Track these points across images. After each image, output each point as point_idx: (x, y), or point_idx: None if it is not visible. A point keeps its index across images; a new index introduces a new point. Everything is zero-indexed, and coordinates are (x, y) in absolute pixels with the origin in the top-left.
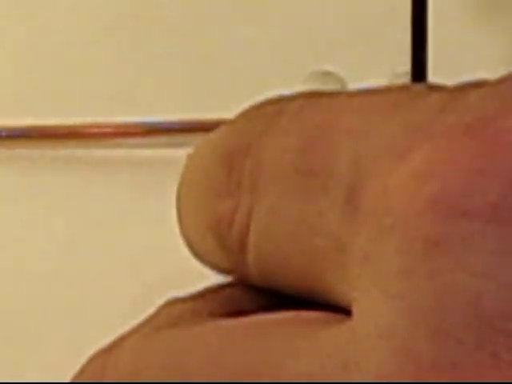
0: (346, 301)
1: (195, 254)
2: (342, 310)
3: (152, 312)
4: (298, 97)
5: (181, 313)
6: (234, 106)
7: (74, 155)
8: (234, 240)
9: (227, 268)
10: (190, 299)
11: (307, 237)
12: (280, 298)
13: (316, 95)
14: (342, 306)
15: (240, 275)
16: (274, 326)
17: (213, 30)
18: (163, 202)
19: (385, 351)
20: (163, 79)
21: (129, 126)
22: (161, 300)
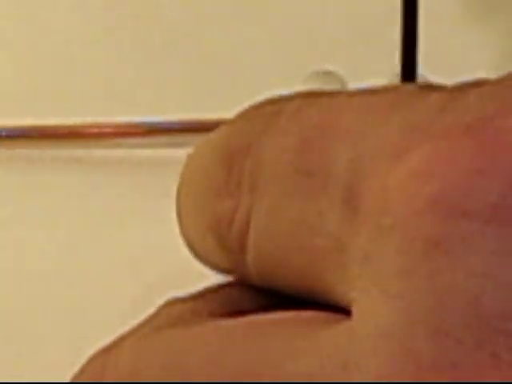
0: (346, 301)
1: (195, 254)
2: (342, 310)
3: (152, 312)
4: (297, 97)
5: (181, 313)
6: (234, 106)
7: (74, 155)
8: (234, 240)
9: (227, 268)
10: (190, 299)
11: (307, 237)
12: (280, 298)
13: (315, 95)
14: (342, 306)
15: (240, 275)
16: (274, 326)
17: (213, 30)
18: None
19: (385, 351)
20: (163, 79)
21: (129, 126)
22: (161, 300)
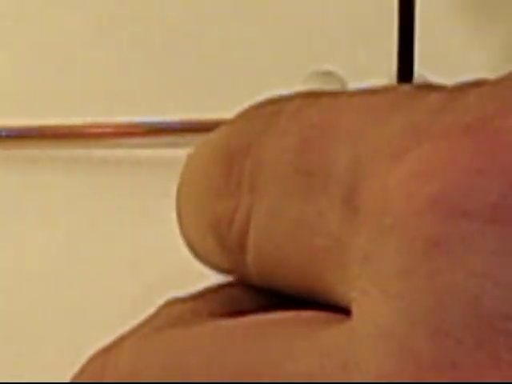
0: (346, 301)
1: (195, 254)
2: (342, 310)
3: (152, 312)
4: (297, 97)
5: (181, 313)
6: (234, 106)
7: (74, 155)
8: (234, 240)
9: (227, 268)
10: (190, 299)
11: (307, 237)
12: (280, 298)
13: (315, 95)
14: (342, 306)
15: (240, 275)
16: (274, 326)
17: (213, 30)
18: (163, 202)
19: (385, 351)
20: (163, 79)
21: (129, 126)
22: (161, 300)
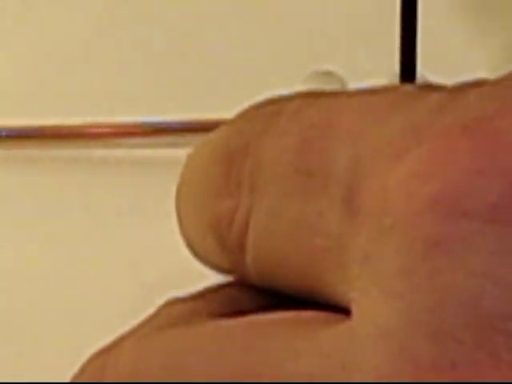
0: (346, 301)
1: (195, 254)
2: (342, 310)
3: (152, 312)
4: (297, 97)
5: (181, 313)
6: (234, 106)
7: (74, 155)
8: (234, 240)
9: (227, 268)
10: (190, 299)
11: (307, 237)
12: (280, 298)
13: (314, 95)
14: (342, 306)
15: (240, 275)
16: (274, 326)
17: (213, 30)
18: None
19: (384, 351)
20: (163, 79)
21: (129, 126)
22: (161, 300)
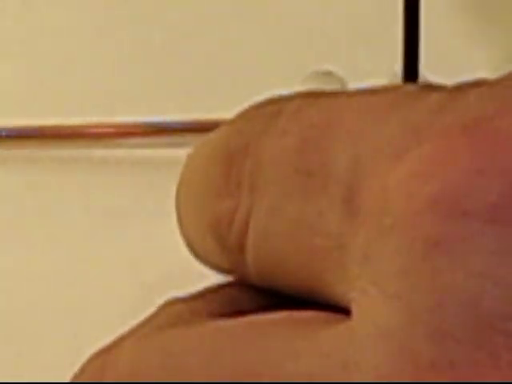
0: (346, 301)
1: (195, 254)
2: (342, 310)
3: (152, 312)
4: (297, 97)
5: (180, 313)
6: (234, 106)
7: (74, 155)
8: (234, 240)
9: (227, 268)
10: (190, 299)
11: (307, 237)
12: (280, 298)
13: (314, 95)
14: (342, 306)
15: (240, 275)
16: (274, 326)
17: (213, 30)
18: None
19: (384, 351)
20: (163, 79)
21: (129, 126)
22: (161, 300)
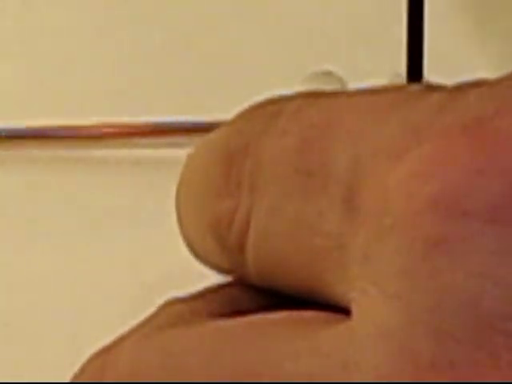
0: (346, 301)
1: (195, 254)
2: (342, 310)
3: (152, 312)
4: (297, 97)
5: (180, 313)
6: (234, 107)
7: (74, 155)
8: (234, 240)
9: (227, 268)
10: (190, 299)
11: (307, 237)
12: (280, 298)
13: (315, 95)
14: (342, 306)
15: (240, 275)
16: (274, 326)
17: (213, 31)
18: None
19: (384, 351)
20: (163, 80)
21: (129, 127)
22: (161, 300)
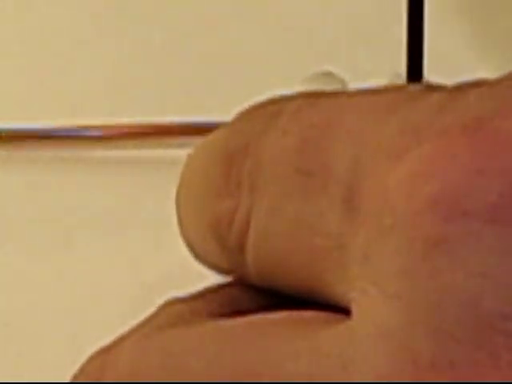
0: (346, 301)
1: (195, 255)
2: (342, 310)
3: (152, 312)
4: (297, 97)
5: (180, 313)
6: (234, 108)
7: (74, 155)
8: (234, 240)
9: (227, 268)
10: (190, 299)
11: (307, 237)
12: (280, 298)
13: (315, 95)
14: (342, 306)
15: (240, 275)
16: (274, 326)
17: (213, 30)
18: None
19: (384, 351)
20: (164, 80)
21: (129, 127)
22: (161, 300)
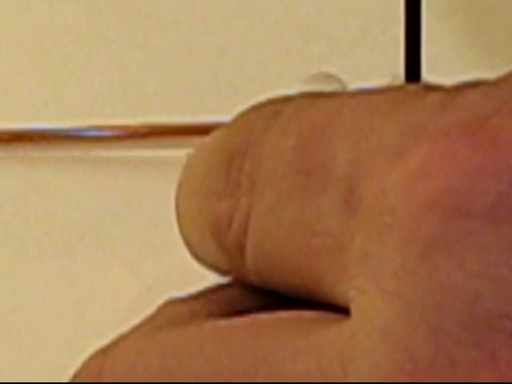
0: (345, 300)
1: (194, 255)
2: (342, 310)
3: (152, 312)
4: (297, 97)
5: (180, 313)
6: (234, 108)
7: (74, 156)
8: (233, 240)
9: (226, 269)
10: (190, 299)
11: (306, 236)
12: (279, 298)
13: (315, 95)
14: (341, 306)
15: (239, 275)
16: (273, 326)
17: (213, 31)
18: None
19: (383, 350)
20: (163, 81)
21: (129, 128)
22: (161, 300)
